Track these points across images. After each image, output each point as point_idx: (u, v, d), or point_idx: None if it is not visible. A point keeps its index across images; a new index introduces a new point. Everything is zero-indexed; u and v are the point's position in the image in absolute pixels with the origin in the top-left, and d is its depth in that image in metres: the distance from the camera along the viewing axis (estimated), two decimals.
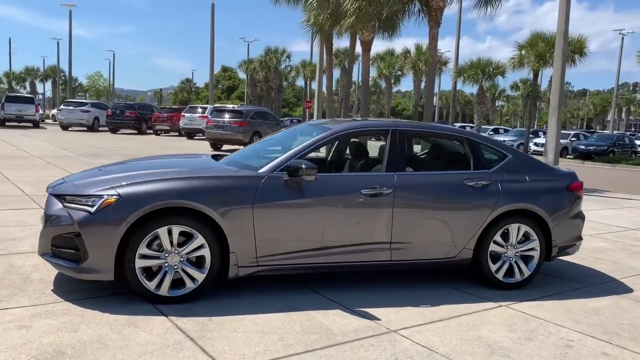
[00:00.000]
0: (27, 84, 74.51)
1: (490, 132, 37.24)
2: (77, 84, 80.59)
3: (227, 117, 20.50)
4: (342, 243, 4.45)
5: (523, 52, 29.03)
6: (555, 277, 5.48)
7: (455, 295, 4.69)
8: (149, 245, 4.02)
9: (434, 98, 59.41)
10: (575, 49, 26.68)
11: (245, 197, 4.18)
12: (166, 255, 4.06)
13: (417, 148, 6.24)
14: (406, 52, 39.38)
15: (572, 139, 32.89)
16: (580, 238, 5.32)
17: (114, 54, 67.26)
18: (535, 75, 30.68)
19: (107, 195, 3.97)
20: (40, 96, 74.35)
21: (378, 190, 4.51)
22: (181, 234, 4.08)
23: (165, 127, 29.90)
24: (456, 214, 4.73)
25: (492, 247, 4.86)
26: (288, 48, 70.86)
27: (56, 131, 28.57)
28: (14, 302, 3.96)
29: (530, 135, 33.54)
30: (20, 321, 3.62)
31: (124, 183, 4.08)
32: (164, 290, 4.06)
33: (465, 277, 5.14)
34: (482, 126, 40.89)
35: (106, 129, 30.87)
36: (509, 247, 4.92)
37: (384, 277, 5.03)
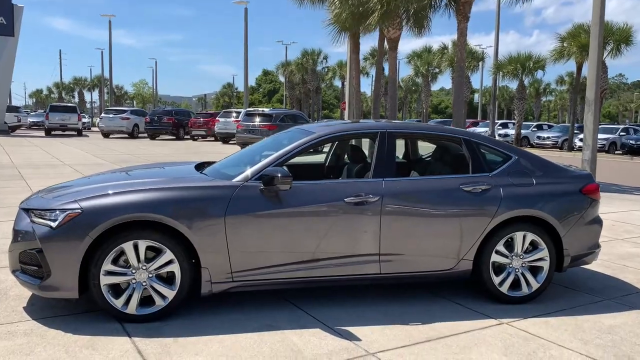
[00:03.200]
0: (76, 94, 77.18)
1: (534, 129, 35.85)
2: (123, 92, 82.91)
3: (256, 120, 20.45)
4: (325, 256, 4.14)
5: (565, 44, 27.77)
6: (571, 288, 4.99)
7: (452, 311, 4.29)
8: (115, 261, 3.83)
9: (476, 95, 57.99)
10: (621, 38, 25.29)
11: (217, 208, 3.93)
12: (133, 271, 3.85)
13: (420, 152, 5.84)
14: (443, 48, 38.42)
15: (622, 133, 31.25)
16: (598, 245, 4.82)
17: (156, 62, 68.56)
18: (579, 68, 29.35)
19: (70, 209, 3.80)
20: (89, 105, 76.83)
21: (363, 198, 4.17)
22: (149, 248, 3.87)
23: (202, 133, 30.24)
24: (452, 222, 4.33)
25: (495, 257, 4.43)
26: (328, 50, 70.38)
27: (97, 139, 29.28)
28: None
29: (576, 131, 32.06)
30: None
31: (88, 196, 3.90)
32: (131, 309, 3.85)
33: (468, 290, 4.73)
34: (528, 122, 39.55)
35: (146, 135, 31.46)
36: (513, 257, 4.48)
37: (376, 291, 4.67)
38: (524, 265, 4.51)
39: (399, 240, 4.25)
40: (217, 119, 28.44)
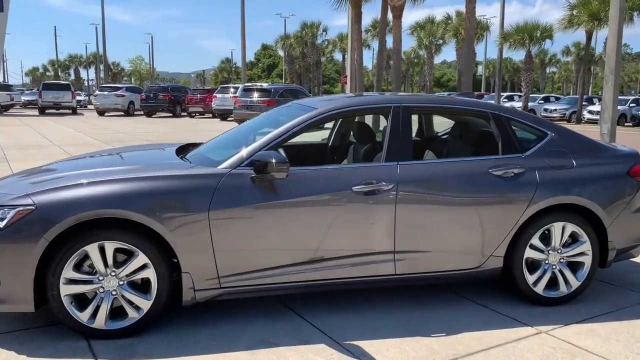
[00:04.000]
0: (72, 71, 75.89)
1: (540, 101, 34.91)
2: (120, 69, 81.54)
3: (255, 96, 19.67)
4: (330, 255, 3.48)
5: (574, 12, 26.69)
6: (610, 283, 4.35)
7: (479, 317, 3.65)
8: (77, 267, 3.18)
9: (480, 67, 56.71)
10: (635, 6, 24.23)
11: (199, 201, 3.26)
12: (100, 278, 3.21)
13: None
14: (447, 18, 37.25)
15: (631, 104, 30.34)
16: None
17: (152, 37, 67.48)
18: (589, 37, 28.34)
19: (21, 205, 3.12)
20: (86, 82, 75.65)
21: (375, 186, 3.49)
22: (119, 251, 3.22)
23: (199, 109, 29.43)
24: (480, 212, 3.66)
25: (529, 252, 3.78)
26: (328, 22, 69.03)
27: (92, 117, 28.52)
28: None
29: (584, 103, 31.19)
30: None
31: (43, 189, 3.22)
32: (99, 323, 3.21)
33: (494, 290, 4.09)
34: (533, 94, 38.57)
35: (142, 113, 30.65)
36: (550, 252, 3.83)
37: (391, 295, 4.02)
38: (562, 261, 3.86)
39: (417, 235, 3.59)
40: (214, 95, 27.59)
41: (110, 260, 3.20)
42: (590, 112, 30.49)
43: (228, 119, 26.38)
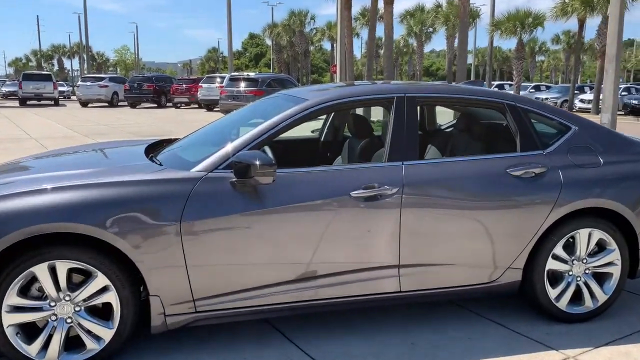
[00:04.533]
0: (55, 61, 74.41)
1: (531, 90, 34.55)
2: (104, 59, 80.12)
3: (241, 86, 19.04)
4: (325, 271, 2.99)
5: None
6: (636, 294, 3.90)
7: (496, 339, 3.18)
8: (23, 292, 2.67)
9: (469, 56, 56.29)
10: None
11: (168, 211, 2.74)
12: (52, 304, 2.69)
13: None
14: (437, 6, 36.70)
15: (623, 93, 30.02)
16: None
17: (136, 26, 66.36)
18: (581, 25, 27.95)
19: None
20: (70, 73, 74.22)
21: (377, 191, 3.00)
22: (74, 271, 2.71)
23: (184, 100, 28.66)
24: (497, 219, 3.18)
25: (551, 263, 3.32)
26: (318, 11, 68.15)
27: (74, 108, 27.69)
28: None
29: (576, 92, 30.86)
30: None
31: None
32: (52, 356, 2.71)
33: (508, 302, 3.62)
34: (522, 83, 38.21)
35: (125, 103, 29.87)
36: (574, 262, 3.36)
37: (396, 312, 3.53)
38: (587, 272, 3.40)
39: (425, 246, 3.11)
40: (200, 85, 26.87)
41: (63, 283, 2.69)
42: (581, 100, 30.21)
43: (214, 109, 25.73)
